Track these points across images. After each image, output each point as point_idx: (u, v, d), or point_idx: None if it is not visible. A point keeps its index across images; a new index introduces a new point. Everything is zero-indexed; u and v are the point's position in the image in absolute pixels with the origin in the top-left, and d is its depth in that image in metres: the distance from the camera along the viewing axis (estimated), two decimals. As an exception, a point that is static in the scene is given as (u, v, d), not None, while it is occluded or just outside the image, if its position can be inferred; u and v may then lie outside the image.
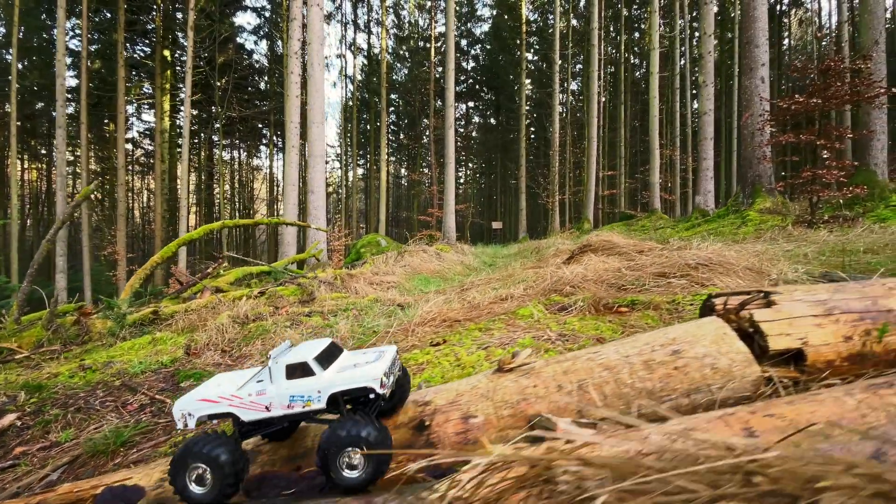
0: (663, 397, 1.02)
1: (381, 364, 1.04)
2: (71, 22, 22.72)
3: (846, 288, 1.19)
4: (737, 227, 9.79)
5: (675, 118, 24.44)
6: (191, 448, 0.99)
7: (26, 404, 2.80)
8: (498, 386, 1.08)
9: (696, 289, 2.66)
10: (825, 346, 1.07)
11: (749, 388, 1.02)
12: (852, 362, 1.07)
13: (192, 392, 1.11)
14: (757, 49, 9.65)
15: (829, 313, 1.11)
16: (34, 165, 30.69)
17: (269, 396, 1.03)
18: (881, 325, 1.08)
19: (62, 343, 4.86)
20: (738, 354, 1.04)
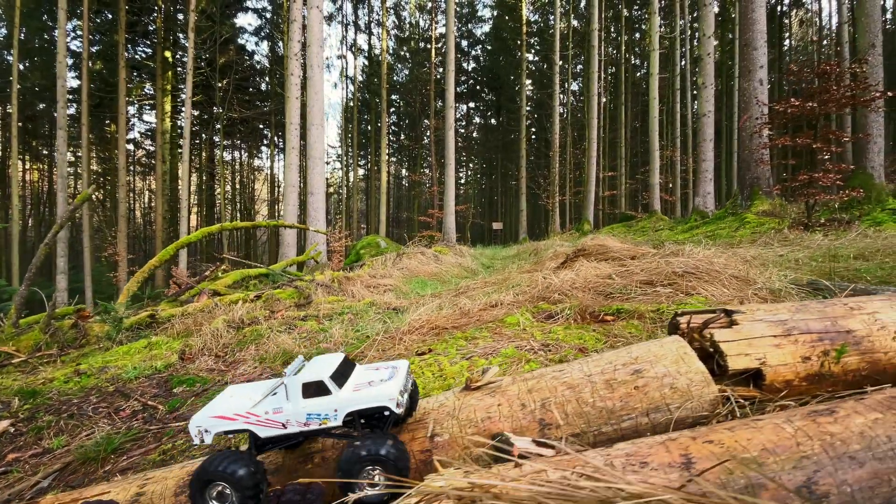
0: (623, 416, 1.04)
1: (396, 382, 1.06)
2: (72, 23, 22.83)
3: (808, 308, 1.21)
4: (734, 229, 9.80)
5: (676, 119, 24.44)
6: (208, 467, 1.01)
7: (20, 410, 2.84)
8: (464, 404, 1.11)
9: (680, 298, 2.68)
10: (783, 366, 1.09)
11: (707, 407, 1.04)
12: (810, 382, 1.10)
13: (206, 407, 1.13)
14: (755, 52, 9.65)
15: (789, 333, 1.13)
16: (36, 166, 30.82)
17: (285, 414, 1.05)
18: (839, 345, 1.11)
19: (60, 347, 4.89)
20: (697, 374, 1.06)
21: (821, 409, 0.79)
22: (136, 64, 26.23)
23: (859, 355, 1.10)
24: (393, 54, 33.66)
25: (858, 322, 1.15)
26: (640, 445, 0.78)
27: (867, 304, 1.21)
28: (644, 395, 1.05)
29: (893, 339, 1.12)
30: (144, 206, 42.21)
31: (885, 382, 1.09)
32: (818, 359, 1.09)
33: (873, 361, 1.10)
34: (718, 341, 1.12)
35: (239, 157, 38.74)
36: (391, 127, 37.27)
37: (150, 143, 34.02)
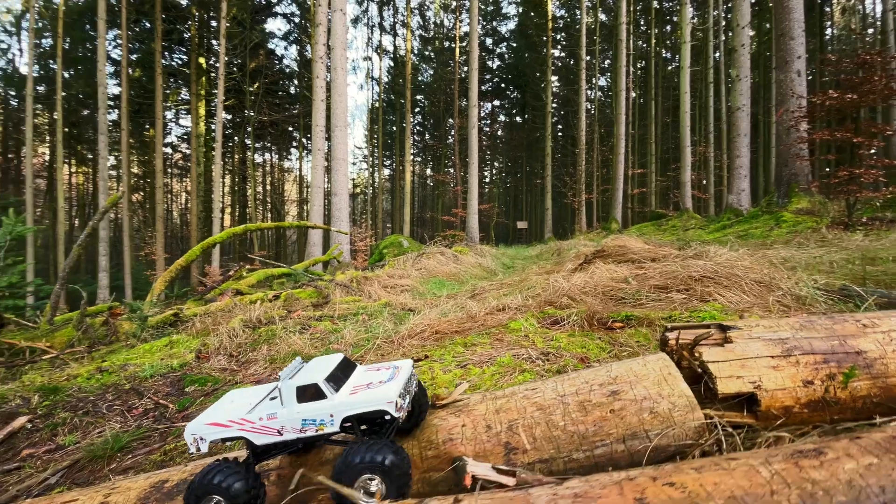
0: (596, 443, 0.96)
1: (395, 384, 1.00)
2: (113, 32, 23.93)
3: (814, 324, 1.08)
4: (769, 228, 9.31)
5: (709, 114, 23.49)
6: (203, 480, 0.97)
7: (39, 407, 2.96)
8: (427, 423, 1.05)
9: (694, 304, 2.53)
10: (781, 390, 0.98)
11: (691, 435, 0.94)
12: (813, 409, 0.98)
13: (202, 414, 1.10)
14: (792, 41, 9.13)
15: (789, 354, 1.01)
16: (81, 170, 32.55)
17: (280, 420, 1.01)
18: (847, 368, 0.98)
19: (91, 343, 5.09)
20: (681, 398, 0.96)
21: (807, 448, 0.69)
22: (173, 70, 27.29)
23: (870, 380, 0.98)
24: (417, 54, 33.79)
25: (871, 342, 1.02)
26: (594, 484, 0.70)
27: (883, 320, 1.07)
28: (620, 420, 0.96)
29: (913, 363, 0.99)
30: (181, 206, 43.96)
31: (901, 411, 0.96)
32: (822, 383, 0.97)
33: (887, 387, 0.97)
34: (707, 361, 1.01)
35: (269, 159, 39.80)
36: (416, 127, 37.44)
37: (186, 147, 35.36)
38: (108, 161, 23.32)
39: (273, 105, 31.17)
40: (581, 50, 23.60)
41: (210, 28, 28.33)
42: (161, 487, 1.10)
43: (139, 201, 31.32)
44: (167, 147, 32.90)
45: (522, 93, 35.26)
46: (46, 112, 26.58)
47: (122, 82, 21.29)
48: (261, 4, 28.92)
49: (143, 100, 26.53)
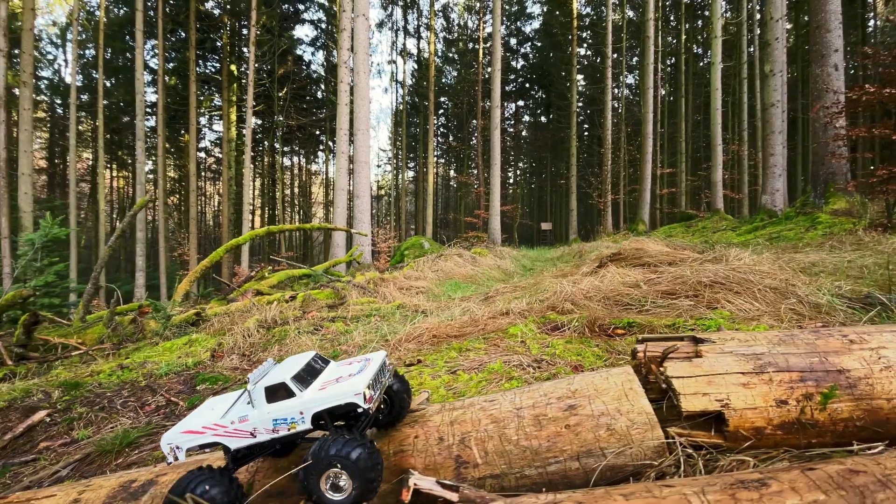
0: (550, 459, 0.92)
1: (364, 377, 0.98)
2: (151, 42, 25.05)
3: (794, 339, 1.00)
4: (804, 230, 8.85)
5: (743, 110, 22.56)
6: (180, 488, 0.97)
7: (59, 401, 3.11)
8: (380, 433, 1.03)
9: (699, 312, 2.41)
10: (751, 410, 0.91)
11: (650, 454, 0.89)
12: (787, 432, 0.90)
13: (178, 423, 1.10)
14: (828, 34, 8.66)
15: (762, 371, 0.94)
16: (121, 174, 34.18)
17: (252, 422, 1.00)
18: (827, 388, 0.90)
19: (119, 340, 5.32)
20: (640, 415, 0.91)
21: (750, 479, 0.63)
22: (206, 78, 28.30)
23: (853, 401, 0.89)
24: (441, 56, 33.90)
25: (856, 359, 0.94)
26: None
27: (873, 336, 0.99)
28: (575, 436, 0.92)
29: (902, 383, 0.90)
30: (214, 208, 45.53)
31: (887, 436, 0.88)
32: (798, 403, 0.90)
33: (872, 410, 0.89)
34: (672, 377, 0.96)
35: (298, 162, 40.76)
36: (439, 129, 37.56)
37: (219, 151, 36.62)
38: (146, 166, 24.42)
39: (300, 110, 31.89)
40: (607, 48, 23.13)
41: (241, 36, 29.25)
42: (128, 487, 1.13)
43: (174, 204, 32.63)
44: (201, 151, 34.15)
45: (547, 92, 34.86)
46: (89, 119, 28.05)
47: (158, 90, 22.27)
48: (289, 12, 29.68)
49: (178, 106, 27.65)
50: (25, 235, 5.96)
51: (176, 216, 32.69)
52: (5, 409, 2.96)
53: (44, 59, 27.38)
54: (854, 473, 0.61)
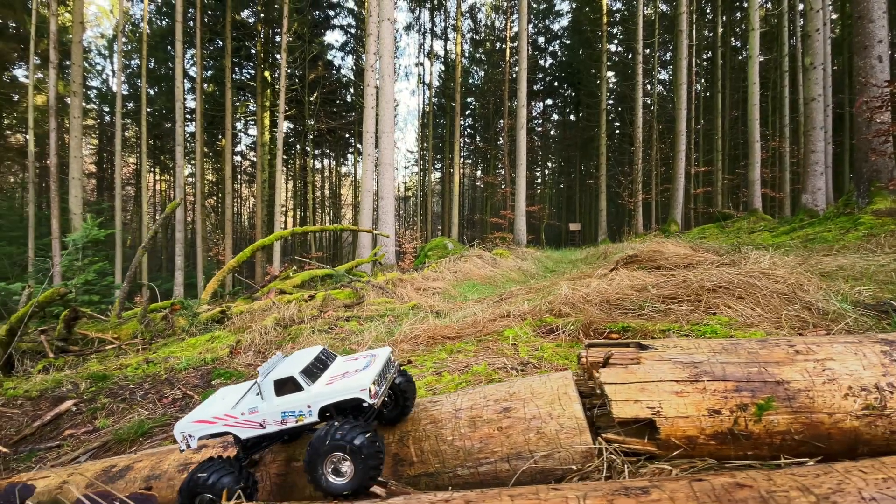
0: (481, 460, 0.94)
1: (369, 372, 1.01)
2: (190, 52, 26.25)
3: (738, 348, 0.98)
4: (843, 231, 8.36)
5: (784, 105, 21.45)
6: (193, 480, 1.01)
7: (86, 392, 3.34)
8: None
9: (696, 317, 2.34)
10: (683, 418, 0.90)
11: (577, 459, 0.90)
12: (721, 442, 0.89)
13: (191, 412, 1.14)
14: (871, 24, 8.15)
15: (696, 379, 0.92)
16: (163, 177, 35.94)
17: (261, 414, 1.03)
18: (763, 399, 0.88)
19: (151, 336, 5.63)
20: (570, 420, 0.92)
21: (634, 486, 0.64)
22: (241, 84, 29.39)
23: (791, 414, 0.87)
24: (468, 57, 33.91)
25: (798, 371, 0.91)
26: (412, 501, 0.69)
27: (823, 347, 0.95)
28: (507, 439, 0.94)
29: (845, 397, 0.87)
30: (249, 210, 47.19)
31: (829, 451, 0.85)
32: (731, 414, 0.88)
33: (811, 424, 0.86)
34: (605, 383, 0.95)
35: (328, 165, 41.72)
36: (466, 130, 37.57)
37: (253, 155, 37.91)
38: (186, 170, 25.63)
39: (330, 113, 32.62)
40: (637, 43, 22.53)
41: (274, 43, 30.21)
42: (109, 471, 1.22)
43: (212, 206, 34.04)
44: (237, 155, 35.47)
45: (576, 90, 34.28)
46: (134, 126, 29.66)
47: (197, 97, 23.32)
48: (319, 18, 30.42)
49: (215, 112, 28.83)
50: (69, 237, 6.40)
51: (213, 217, 34.10)
52: (37, 398, 3.21)
53: (93, 69, 29.16)
54: (739, 487, 0.60)
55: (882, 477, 0.59)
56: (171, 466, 1.16)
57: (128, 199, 32.45)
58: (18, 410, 3.06)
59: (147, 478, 1.14)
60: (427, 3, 31.82)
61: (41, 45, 18.75)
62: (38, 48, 18.46)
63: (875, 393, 0.86)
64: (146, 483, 1.13)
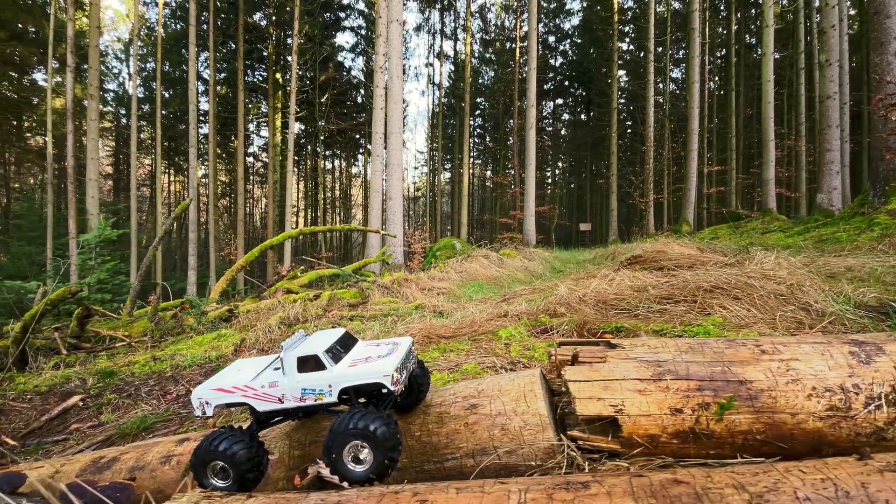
0: (447, 455, 0.96)
1: (393, 359, 1.01)
2: (204, 55, 26.67)
3: (704, 347, 0.98)
4: (858, 232, 8.18)
5: (800, 103, 21.03)
6: (207, 445, 1.01)
7: (93, 388, 3.43)
8: (301, 426, 1.11)
9: (690, 318, 2.32)
10: (645, 417, 0.90)
11: (540, 455, 0.91)
12: (683, 441, 0.89)
13: (209, 380, 1.14)
14: (888, 20, 7.97)
15: (660, 378, 0.92)
16: (178, 178, 36.56)
17: (281, 388, 1.03)
18: (725, 398, 0.88)
19: (161, 334, 5.74)
20: (534, 417, 0.93)
21: (576, 481, 0.65)
22: (253, 86, 29.77)
23: (753, 414, 0.86)
24: (478, 57, 33.89)
25: (761, 370, 0.90)
26: (362, 493, 0.71)
27: (789, 347, 0.94)
28: (472, 434, 0.95)
29: (809, 398, 0.86)
30: (261, 210, 47.72)
31: (792, 452, 0.85)
32: (693, 413, 0.88)
33: (773, 424, 0.86)
34: (570, 380, 0.96)
35: (339, 165, 42.04)
36: (475, 130, 37.56)
37: (266, 156, 38.36)
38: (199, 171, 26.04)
39: (341, 114, 32.86)
40: (649, 42, 22.28)
41: (286, 45, 30.53)
42: (98, 462, 1.26)
43: (225, 206, 34.51)
44: (249, 157, 35.91)
45: (587, 90, 34.04)
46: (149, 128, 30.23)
47: (210, 99, 23.68)
48: (330, 20, 30.66)
49: (228, 114, 29.26)
50: (81, 237, 6.56)
51: (226, 218, 34.57)
52: (46, 393, 3.31)
53: (109, 72, 29.80)
54: (676, 483, 0.61)
55: (821, 477, 0.59)
56: (154, 458, 1.20)
57: (143, 199, 33.07)
58: (28, 405, 3.16)
59: (132, 469, 1.18)
60: (437, 4, 31.89)
61: (59, 49, 19.24)
62: (57, 52, 18.95)
63: (840, 394, 0.85)
64: (130, 474, 1.16)
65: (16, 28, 20.62)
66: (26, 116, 24.62)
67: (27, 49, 21.11)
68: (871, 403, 0.83)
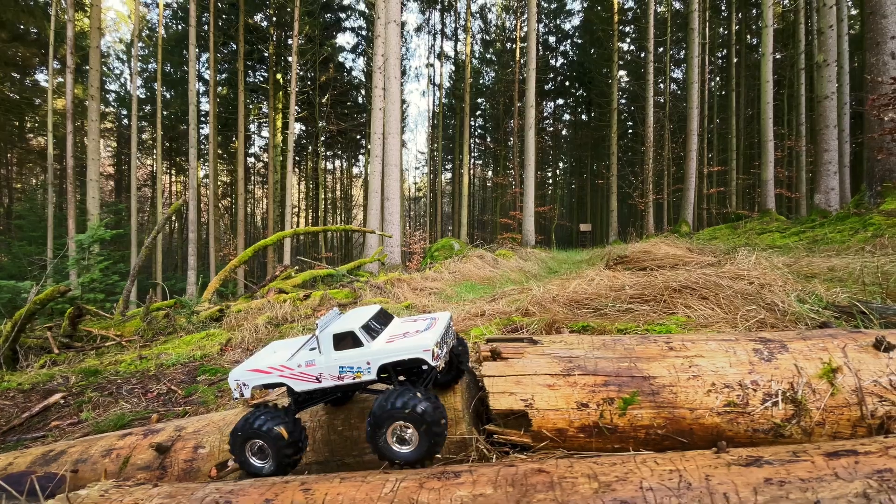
0: (366, 449, 0.99)
1: (432, 333, 0.98)
2: (205, 55, 26.81)
3: (617, 343, 1.00)
4: (852, 233, 8.16)
5: (801, 104, 20.95)
6: (246, 425, 1.00)
7: (75, 386, 3.47)
8: (234, 421, 1.13)
9: (654, 317, 2.34)
10: (553, 411, 0.92)
11: (453, 449, 0.94)
12: (589, 435, 0.91)
13: (245, 362, 1.13)
14: (884, 20, 7.95)
15: (569, 374, 0.95)
16: (178, 179, 36.72)
17: (318, 367, 1.01)
18: (629, 393, 0.90)
19: (153, 333, 5.79)
20: (450, 411, 0.95)
21: (452, 471, 0.67)
22: (254, 87, 29.88)
23: (655, 409, 0.89)
24: (479, 58, 33.93)
25: (665, 367, 0.92)
26: (256, 484, 0.74)
27: (696, 345, 0.97)
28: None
29: (708, 394, 0.88)
30: (263, 211, 47.83)
31: (692, 447, 0.87)
32: (598, 407, 0.91)
33: (674, 419, 0.88)
34: (485, 375, 0.99)
35: (340, 166, 42.14)
36: (476, 130, 37.58)
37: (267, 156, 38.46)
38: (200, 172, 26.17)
39: (342, 115, 32.91)
40: (648, 42, 22.25)
41: (287, 46, 30.62)
42: (47, 455, 1.30)
43: (226, 207, 34.64)
44: (250, 157, 36.03)
45: (588, 90, 34.01)
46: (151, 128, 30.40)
47: (210, 100, 23.79)
48: (331, 21, 30.74)
49: (229, 115, 29.37)
50: (76, 237, 6.63)
51: (227, 218, 34.70)
52: (29, 390, 3.35)
53: (111, 73, 29.97)
54: (537, 473, 0.63)
55: (670, 469, 0.61)
56: (96, 452, 1.24)
57: (144, 200, 33.23)
58: (10, 402, 3.20)
59: (76, 461, 1.22)
60: (437, 5, 31.94)
61: (61, 50, 19.38)
62: (58, 53, 19.10)
63: (738, 390, 0.87)
64: (74, 466, 1.20)
65: (17, 29, 20.80)
66: (28, 117, 24.80)
67: (29, 50, 21.28)
68: (768, 400, 0.85)
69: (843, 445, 0.63)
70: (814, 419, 0.81)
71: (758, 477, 0.58)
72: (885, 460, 0.59)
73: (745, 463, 0.61)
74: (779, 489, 0.56)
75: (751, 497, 0.56)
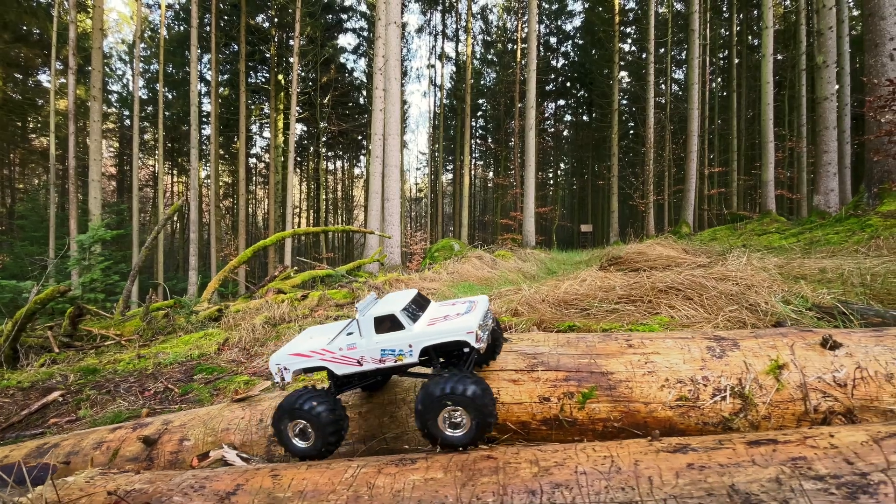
0: (345, 442, 1.03)
1: (474, 316, 0.98)
2: (207, 56, 26.93)
3: (580, 341, 1.05)
4: (850, 234, 8.18)
5: (801, 105, 20.92)
6: (290, 404, 1.00)
7: (74, 384, 3.53)
8: (219, 414, 1.19)
9: (638, 316, 2.39)
10: (517, 405, 0.97)
11: (421, 440, 0.98)
12: (550, 428, 0.96)
13: (285, 346, 1.14)
14: (883, 22, 7.98)
15: (532, 369, 1.00)
16: (181, 179, 36.88)
17: (360, 350, 1.02)
18: (588, 388, 0.95)
19: (153, 333, 5.85)
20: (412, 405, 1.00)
21: (409, 457, 0.72)
22: (256, 88, 29.99)
23: (611, 403, 0.94)
24: (480, 59, 34.00)
25: (623, 363, 0.97)
26: (231, 472, 0.79)
27: (654, 342, 1.02)
28: (364, 422, 1.03)
29: (661, 388, 0.93)
30: (264, 211, 47.95)
31: (644, 438, 0.91)
32: (559, 401, 0.96)
33: (629, 412, 0.93)
34: (453, 372, 1.04)
35: (341, 166, 42.24)
36: (477, 131, 37.65)
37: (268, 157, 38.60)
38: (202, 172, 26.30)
39: (343, 116, 33.00)
40: (649, 43, 22.27)
41: (288, 47, 30.73)
42: (41, 447, 1.36)
43: (227, 207, 34.77)
44: (252, 158, 36.15)
45: (589, 91, 34.05)
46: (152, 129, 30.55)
47: (212, 100, 23.90)
48: (332, 22, 30.84)
49: (231, 116, 29.50)
50: (76, 237, 6.70)
51: (228, 219, 34.82)
52: (28, 388, 3.42)
53: (113, 74, 30.14)
54: (486, 459, 0.68)
55: (605, 455, 0.66)
56: (88, 445, 1.29)
57: (146, 200, 33.39)
58: (10, 400, 3.27)
59: (68, 454, 1.27)
60: (439, 6, 32.02)
61: (63, 51, 19.52)
62: (61, 54, 19.23)
63: (690, 385, 0.92)
64: (66, 458, 1.25)
65: (20, 30, 20.95)
66: (31, 118, 24.97)
67: (31, 51, 21.42)
68: (717, 395, 0.90)
69: (766, 435, 0.68)
70: (760, 413, 0.86)
71: (682, 462, 0.63)
72: (801, 449, 0.64)
73: (672, 449, 0.65)
74: (699, 473, 0.61)
75: (672, 480, 0.61)
